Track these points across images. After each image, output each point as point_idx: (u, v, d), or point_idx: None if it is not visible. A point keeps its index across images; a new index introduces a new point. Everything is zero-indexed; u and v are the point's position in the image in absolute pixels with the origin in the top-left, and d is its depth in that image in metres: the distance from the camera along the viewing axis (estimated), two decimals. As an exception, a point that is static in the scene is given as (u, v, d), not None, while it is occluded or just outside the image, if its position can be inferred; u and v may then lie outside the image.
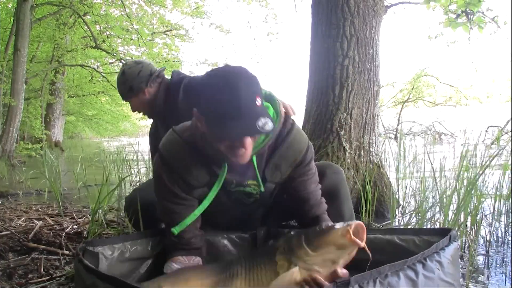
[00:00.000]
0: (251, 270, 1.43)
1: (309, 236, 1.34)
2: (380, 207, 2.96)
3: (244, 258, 1.49)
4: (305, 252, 1.31)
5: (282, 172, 1.54)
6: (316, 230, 1.35)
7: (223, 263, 1.52)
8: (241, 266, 1.45)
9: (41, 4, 10.47)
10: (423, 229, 1.74)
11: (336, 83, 3.04)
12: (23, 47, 8.62)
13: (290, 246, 1.37)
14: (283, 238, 1.45)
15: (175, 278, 1.44)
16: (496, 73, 42.75)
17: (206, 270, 1.49)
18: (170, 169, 1.50)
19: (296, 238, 1.38)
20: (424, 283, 1.17)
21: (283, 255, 1.39)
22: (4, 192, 4.52)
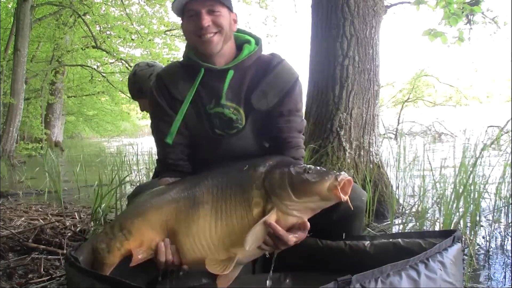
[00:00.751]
0: (219, 200, 1.32)
1: (294, 180, 1.24)
2: (380, 207, 2.96)
3: (212, 183, 1.37)
4: (288, 197, 1.23)
5: (268, 101, 1.52)
6: (302, 174, 1.24)
7: (187, 184, 1.39)
8: (207, 192, 1.34)
9: (41, 4, 10.48)
10: (428, 231, 1.72)
11: (336, 83, 3.04)
12: (23, 47, 8.63)
13: (271, 183, 1.27)
14: (261, 168, 1.32)
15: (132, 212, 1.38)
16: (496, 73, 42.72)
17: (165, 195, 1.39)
18: (160, 84, 1.59)
19: (279, 176, 1.27)
20: (426, 283, 1.15)
21: (260, 191, 1.28)
22: (4, 192, 4.52)
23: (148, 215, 1.34)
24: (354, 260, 1.56)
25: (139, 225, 1.34)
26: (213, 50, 1.49)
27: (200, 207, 1.31)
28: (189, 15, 1.48)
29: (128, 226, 1.34)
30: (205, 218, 1.30)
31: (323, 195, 1.21)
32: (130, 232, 1.33)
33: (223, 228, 1.28)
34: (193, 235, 1.30)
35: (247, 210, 1.27)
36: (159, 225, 1.33)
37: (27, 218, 3.05)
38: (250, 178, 1.31)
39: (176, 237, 1.32)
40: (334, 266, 1.58)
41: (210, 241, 1.29)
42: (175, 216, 1.33)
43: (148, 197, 1.41)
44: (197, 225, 1.30)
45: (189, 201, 1.33)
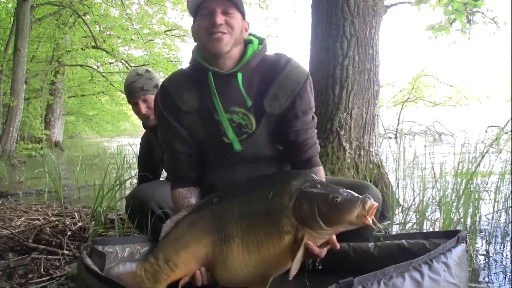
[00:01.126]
0: (249, 231, 1.36)
1: (324, 211, 1.27)
2: (380, 207, 2.95)
3: (238, 214, 1.40)
4: (320, 227, 1.28)
5: (281, 104, 1.51)
6: (331, 202, 1.27)
7: (215, 220, 1.43)
8: (236, 225, 1.38)
9: (41, 4, 10.48)
10: (432, 232, 1.71)
11: (336, 83, 3.04)
12: (23, 47, 8.63)
13: (301, 216, 1.30)
14: (287, 195, 1.34)
15: (175, 245, 1.43)
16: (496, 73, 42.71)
17: (200, 226, 1.44)
18: (165, 94, 1.59)
19: (308, 208, 1.29)
20: (429, 285, 1.14)
21: (290, 219, 1.31)
22: (4, 192, 4.52)
23: (191, 248, 1.41)
24: (358, 262, 1.56)
25: (184, 258, 1.41)
26: (222, 49, 1.47)
27: (231, 241, 1.37)
28: (204, 13, 1.48)
29: (173, 259, 1.41)
30: (238, 252, 1.36)
31: (352, 222, 1.26)
32: (176, 264, 1.41)
33: (256, 258, 1.34)
34: (230, 267, 1.37)
35: (278, 239, 1.31)
36: (200, 257, 1.41)
37: (27, 218, 3.05)
38: (277, 207, 1.34)
39: (214, 268, 1.40)
40: (337, 268, 1.57)
41: (246, 271, 1.36)
42: (212, 249, 1.40)
43: (186, 227, 1.46)
44: (231, 259, 1.37)
45: (221, 234, 1.39)
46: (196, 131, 1.56)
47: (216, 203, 1.47)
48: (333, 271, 1.58)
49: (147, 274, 1.41)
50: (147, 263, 1.43)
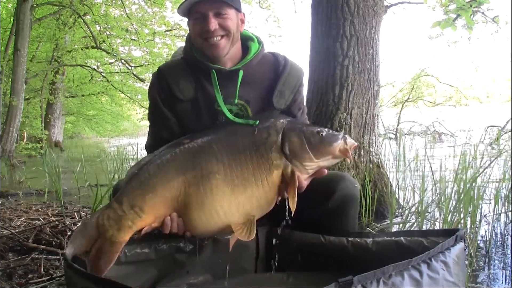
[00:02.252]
0: (234, 166, 1.31)
1: (311, 141, 1.35)
2: (380, 207, 2.96)
3: (219, 150, 1.34)
4: (309, 157, 1.34)
5: (286, 99, 1.61)
6: (318, 135, 1.36)
7: (189, 152, 1.35)
8: (217, 161, 1.32)
9: (41, 4, 10.47)
10: (431, 230, 1.72)
11: (336, 83, 3.04)
12: (23, 47, 8.63)
13: (292, 147, 1.35)
14: (274, 131, 1.38)
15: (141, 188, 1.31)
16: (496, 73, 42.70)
17: (170, 167, 1.34)
18: (162, 79, 1.58)
19: (298, 140, 1.36)
20: (429, 284, 1.14)
21: (279, 153, 1.34)
22: (4, 192, 4.52)
23: (158, 191, 1.31)
24: (356, 257, 1.56)
25: (151, 202, 1.30)
26: (220, 54, 1.49)
27: (211, 178, 1.30)
28: (196, 17, 1.49)
29: (139, 203, 1.29)
30: (219, 188, 1.30)
31: (336, 155, 1.37)
32: (143, 209, 1.29)
33: (242, 194, 1.31)
34: (207, 207, 1.29)
35: (267, 173, 1.32)
36: (170, 200, 1.31)
37: (27, 218, 3.05)
38: (265, 142, 1.36)
39: (188, 210, 1.31)
40: (336, 263, 1.59)
41: (228, 209, 1.30)
42: (185, 190, 1.31)
43: (152, 168, 1.35)
44: (210, 197, 1.29)
45: (197, 172, 1.31)
46: (187, 119, 1.57)
47: (187, 142, 1.40)
48: (331, 266, 1.58)
49: (110, 221, 1.28)
50: (110, 209, 1.31)
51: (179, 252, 1.57)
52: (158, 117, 1.60)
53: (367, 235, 1.60)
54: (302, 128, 1.39)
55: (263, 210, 1.36)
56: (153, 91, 1.61)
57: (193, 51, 1.57)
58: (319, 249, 1.62)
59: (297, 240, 1.66)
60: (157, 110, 1.60)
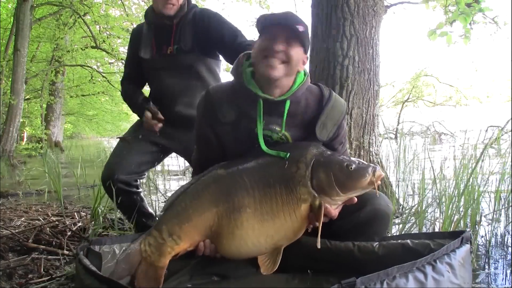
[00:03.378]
0: (262, 200, 1.39)
1: (340, 179, 1.37)
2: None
3: (250, 182, 1.42)
4: (337, 194, 1.38)
5: (328, 131, 1.62)
6: (346, 170, 1.38)
7: (221, 190, 1.44)
8: (248, 194, 1.40)
9: (41, 4, 10.47)
10: (437, 232, 1.71)
11: (336, 83, 3.04)
12: (23, 47, 8.62)
13: (319, 183, 1.38)
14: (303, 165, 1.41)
15: (178, 218, 1.43)
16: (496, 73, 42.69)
17: (203, 198, 1.44)
18: (208, 101, 1.64)
19: (326, 176, 1.38)
20: (433, 286, 1.14)
21: (307, 188, 1.38)
22: (4, 192, 4.51)
23: (194, 221, 1.42)
24: (362, 261, 1.55)
25: (188, 231, 1.42)
26: (274, 76, 1.50)
27: (242, 211, 1.38)
28: (268, 35, 1.52)
29: (177, 232, 1.42)
30: (249, 222, 1.37)
31: (364, 188, 1.40)
32: (180, 237, 1.42)
33: (270, 228, 1.37)
34: (237, 238, 1.38)
35: (295, 207, 1.37)
36: (204, 230, 1.42)
37: (27, 218, 3.05)
38: (294, 176, 1.40)
39: (220, 239, 1.40)
40: (342, 267, 1.57)
41: (257, 241, 1.38)
42: (218, 221, 1.40)
43: (189, 199, 1.46)
44: (241, 229, 1.38)
45: (229, 205, 1.40)
46: (226, 141, 1.62)
47: (222, 173, 1.48)
48: (337, 270, 1.57)
49: (152, 247, 1.42)
50: (151, 237, 1.43)
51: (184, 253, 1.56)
52: (201, 136, 1.68)
53: (372, 239, 1.59)
54: (330, 164, 1.42)
55: (290, 240, 1.42)
56: (199, 111, 1.68)
57: (243, 77, 1.59)
58: (325, 253, 1.61)
59: (303, 244, 1.63)
60: (201, 129, 1.67)
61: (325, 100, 1.64)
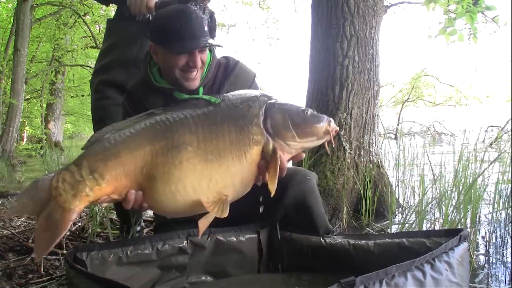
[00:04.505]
0: (207, 139, 1.21)
1: (295, 120, 1.28)
2: (380, 207, 2.96)
3: (193, 121, 1.25)
4: (292, 136, 1.27)
5: None
6: (302, 114, 1.30)
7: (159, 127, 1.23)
8: (190, 132, 1.22)
9: (41, 4, 10.48)
10: (433, 230, 1.71)
11: (336, 83, 3.04)
12: (23, 47, 8.62)
13: (275, 124, 1.26)
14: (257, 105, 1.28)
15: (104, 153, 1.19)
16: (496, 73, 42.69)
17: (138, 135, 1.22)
18: (132, 97, 1.63)
19: (282, 117, 1.27)
20: (432, 284, 1.14)
21: (260, 128, 1.25)
22: (4, 192, 4.51)
23: (122, 158, 1.18)
24: (358, 260, 1.56)
25: (113, 169, 1.17)
26: (194, 87, 1.53)
27: (182, 149, 1.19)
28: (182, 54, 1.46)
29: (100, 169, 1.16)
30: (190, 161, 1.18)
31: (319, 137, 1.31)
32: (103, 176, 1.16)
33: (215, 169, 1.19)
34: (174, 180, 1.17)
35: (246, 149, 1.22)
36: (133, 171, 1.18)
37: (27, 218, 3.05)
38: (246, 115, 1.26)
39: (153, 183, 1.18)
40: (338, 266, 1.58)
41: (198, 185, 1.18)
42: (151, 160, 1.18)
43: (119, 135, 1.22)
44: (179, 170, 1.17)
45: (167, 142, 1.20)
46: None
47: (160, 112, 1.31)
48: (333, 270, 1.58)
49: (66, 184, 1.15)
50: (67, 172, 1.17)
51: (181, 254, 1.56)
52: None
53: (368, 237, 1.60)
54: (285, 105, 1.32)
55: (237, 190, 1.24)
56: (124, 107, 1.65)
57: (151, 78, 1.58)
58: (320, 252, 1.62)
59: (298, 243, 1.66)
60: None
61: (229, 70, 1.63)
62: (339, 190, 2.85)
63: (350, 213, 2.87)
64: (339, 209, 2.80)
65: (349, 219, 2.83)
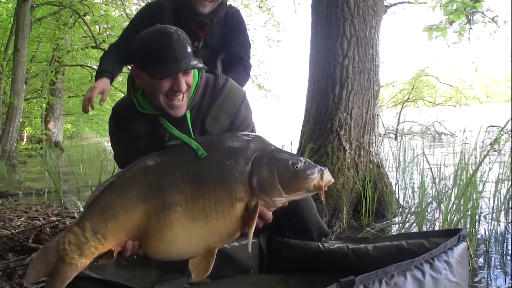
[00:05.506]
0: (195, 198, 1.24)
1: (285, 178, 1.24)
2: (380, 207, 2.96)
3: (181, 178, 1.27)
4: (279, 194, 1.24)
5: (221, 124, 1.52)
6: (291, 168, 1.24)
7: (150, 186, 1.28)
8: (178, 192, 1.25)
9: (41, 4, 10.48)
10: (432, 231, 1.71)
11: (336, 83, 3.04)
12: (23, 47, 8.62)
13: (260, 181, 1.24)
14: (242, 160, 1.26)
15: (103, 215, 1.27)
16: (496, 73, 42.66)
17: (131, 194, 1.29)
18: (118, 120, 1.57)
19: (269, 173, 1.24)
20: (431, 284, 1.14)
21: (244, 185, 1.24)
22: (4, 192, 4.51)
23: (120, 220, 1.27)
24: (358, 264, 1.55)
25: (113, 230, 1.27)
26: (180, 114, 1.44)
27: (171, 210, 1.24)
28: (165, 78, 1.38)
29: (101, 231, 1.26)
30: (179, 221, 1.24)
31: (309, 191, 1.27)
32: (105, 237, 1.26)
33: (202, 228, 1.24)
34: (167, 240, 1.25)
35: (230, 207, 1.24)
36: (130, 229, 1.27)
37: (27, 218, 3.05)
38: (231, 173, 1.26)
39: (148, 240, 1.27)
40: (337, 270, 1.56)
41: (188, 242, 1.25)
42: (145, 220, 1.26)
43: (115, 193, 1.31)
44: (170, 230, 1.24)
45: (158, 202, 1.26)
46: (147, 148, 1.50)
47: (151, 165, 1.33)
48: (332, 274, 1.57)
49: (72, 246, 1.25)
50: (72, 234, 1.27)
51: None
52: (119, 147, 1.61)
53: (367, 241, 1.59)
54: (274, 160, 1.27)
55: (224, 242, 1.31)
56: (111, 129, 1.62)
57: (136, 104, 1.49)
58: (319, 257, 1.61)
59: (297, 249, 1.65)
60: (118, 145, 1.61)
61: (217, 91, 1.53)
62: (339, 190, 2.85)
63: (350, 213, 2.87)
64: (339, 209, 2.80)
65: (349, 219, 2.83)
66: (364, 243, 1.58)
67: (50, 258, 1.26)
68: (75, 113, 20.39)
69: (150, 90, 1.43)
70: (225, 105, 1.53)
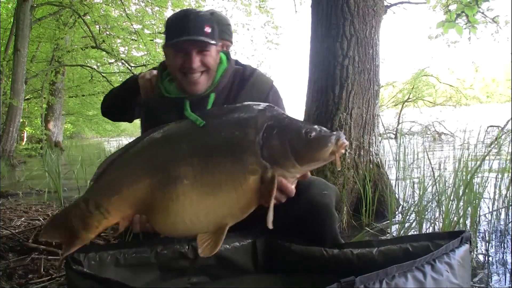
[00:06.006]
0: (204, 171, 1.19)
1: (298, 149, 1.17)
2: (380, 207, 2.96)
3: (189, 150, 1.23)
4: (292, 165, 1.18)
5: None
6: (305, 138, 1.17)
7: (156, 159, 1.25)
8: (185, 163, 1.20)
9: (41, 4, 10.47)
10: (437, 233, 1.70)
11: (336, 83, 3.04)
12: (23, 47, 8.62)
13: (272, 153, 1.17)
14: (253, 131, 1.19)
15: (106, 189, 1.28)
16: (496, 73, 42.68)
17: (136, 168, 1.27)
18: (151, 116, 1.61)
19: (280, 145, 1.17)
20: (432, 285, 1.13)
21: (257, 157, 1.17)
22: (4, 192, 4.52)
23: (124, 193, 1.24)
24: (363, 269, 1.52)
25: (117, 204, 1.25)
26: (199, 91, 1.50)
27: (178, 183, 1.19)
28: (180, 52, 1.46)
29: (105, 205, 1.25)
30: (186, 195, 1.18)
31: (326, 159, 1.19)
32: (108, 211, 1.25)
33: (212, 203, 1.18)
34: (173, 214, 1.20)
35: (242, 180, 1.17)
36: (135, 203, 1.24)
37: (27, 218, 3.05)
38: (241, 142, 1.19)
39: (154, 214, 1.23)
40: (342, 276, 1.54)
41: (195, 217, 1.19)
42: (151, 194, 1.22)
43: (119, 167, 1.30)
44: (176, 204, 1.19)
45: (164, 175, 1.21)
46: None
47: (158, 138, 1.30)
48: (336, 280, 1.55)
49: (76, 219, 1.27)
50: (77, 208, 1.28)
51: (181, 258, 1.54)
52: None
53: (371, 244, 1.54)
54: (286, 129, 1.20)
55: (236, 218, 1.21)
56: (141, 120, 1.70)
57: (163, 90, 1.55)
58: (322, 262, 1.57)
59: (298, 253, 1.61)
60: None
61: (244, 80, 1.58)
62: (339, 190, 2.85)
63: (350, 213, 2.87)
64: (339, 209, 2.80)
65: (349, 219, 2.83)
66: (368, 247, 1.52)
67: (59, 227, 1.31)
68: (75, 113, 20.42)
69: (170, 66, 1.51)
70: (253, 92, 1.56)
